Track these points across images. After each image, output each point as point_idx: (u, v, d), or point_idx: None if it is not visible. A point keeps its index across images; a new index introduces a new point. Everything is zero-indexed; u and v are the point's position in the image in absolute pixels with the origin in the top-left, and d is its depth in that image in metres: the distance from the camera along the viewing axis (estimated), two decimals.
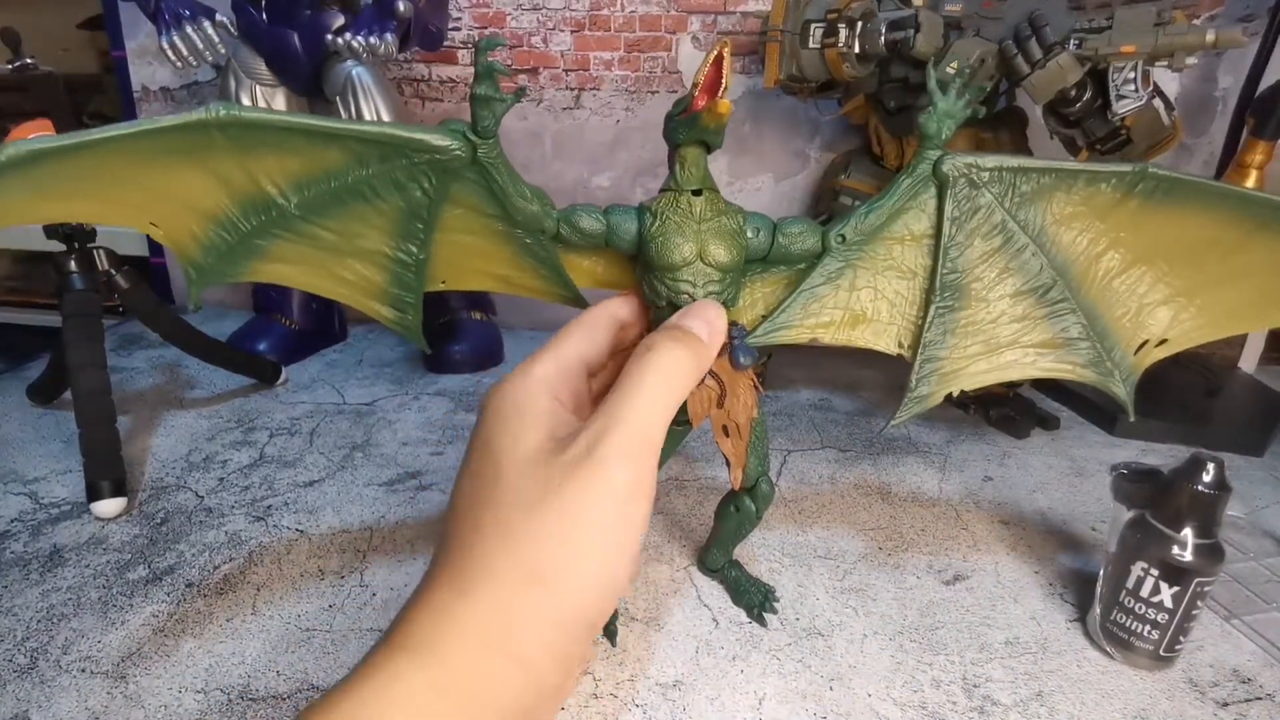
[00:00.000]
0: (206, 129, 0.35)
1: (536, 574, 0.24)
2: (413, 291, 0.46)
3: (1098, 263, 0.46)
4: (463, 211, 0.43)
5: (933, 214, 0.45)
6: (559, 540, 0.25)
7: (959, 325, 0.47)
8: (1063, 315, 0.47)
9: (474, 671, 0.23)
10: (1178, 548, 0.58)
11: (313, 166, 0.39)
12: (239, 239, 0.42)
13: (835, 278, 0.47)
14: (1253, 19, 1.14)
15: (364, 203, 0.41)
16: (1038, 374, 0.49)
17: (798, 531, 0.81)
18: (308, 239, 0.43)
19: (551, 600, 0.24)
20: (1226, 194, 0.43)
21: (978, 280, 0.46)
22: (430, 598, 0.25)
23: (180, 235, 0.42)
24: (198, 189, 0.39)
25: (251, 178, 0.39)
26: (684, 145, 0.42)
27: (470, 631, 0.24)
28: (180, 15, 1.09)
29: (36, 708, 0.55)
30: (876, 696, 0.58)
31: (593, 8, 1.33)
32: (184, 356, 1.16)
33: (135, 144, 0.35)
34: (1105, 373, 0.49)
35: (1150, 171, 0.42)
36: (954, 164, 0.43)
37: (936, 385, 0.49)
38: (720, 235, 0.43)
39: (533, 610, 0.24)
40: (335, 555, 0.75)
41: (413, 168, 0.40)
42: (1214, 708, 0.58)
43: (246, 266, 0.44)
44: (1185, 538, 0.58)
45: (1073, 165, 0.43)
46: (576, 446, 0.27)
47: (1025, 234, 0.45)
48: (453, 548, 0.26)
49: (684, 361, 0.30)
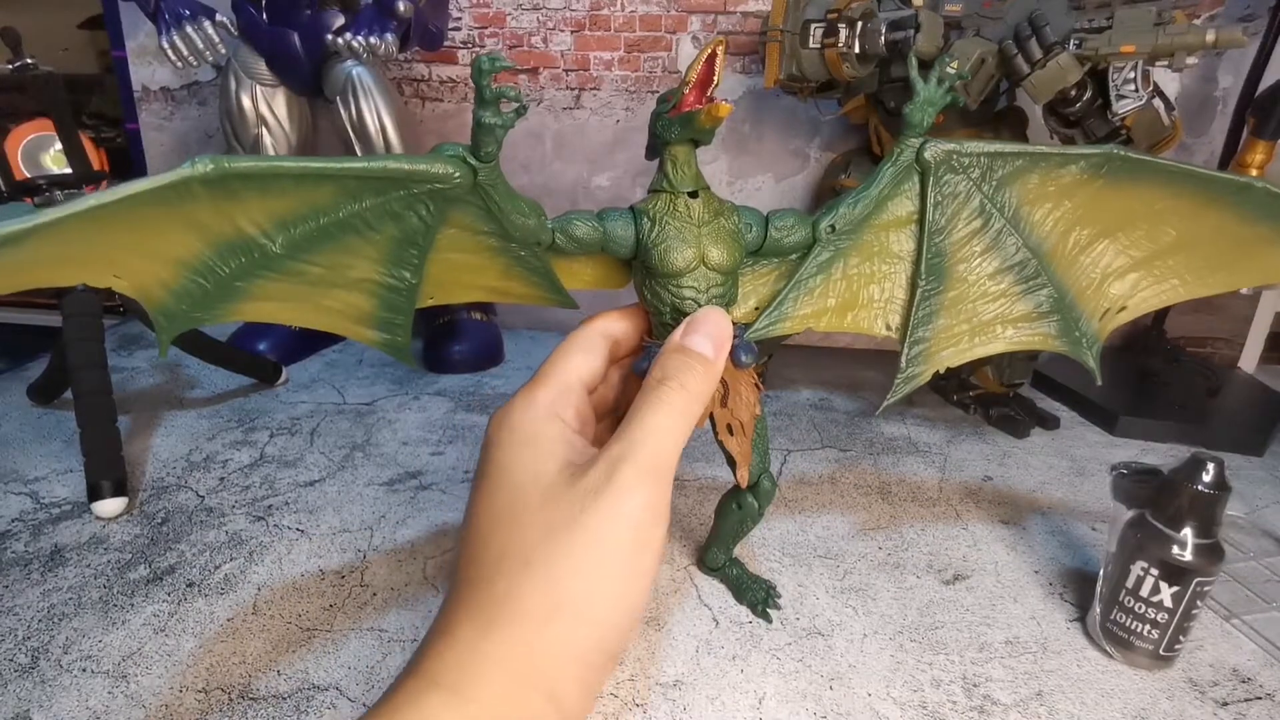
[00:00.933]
0: (189, 185, 0.33)
1: (560, 605, 0.24)
2: (403, 313, 0.45)
3: (1066, 239, 0.48)
4: (456, 231, 0.42)
5: (916, 200, 0.47)
6: (581, 570, 0.25)
7: (944, 305, 0.49)
8: (1037, 290, 0.49)
9: (505, 708, 0.23)
10: (1177, 547, 0.58)
11: (300, 205, 0.37)
12: (215, 283, 0.39)
13: (827, 267, 0.47)
14: (1253, 19, 1.14)
15: (355, 235, 0.39)
16: (1016, 347, 0.51)
17: (798, 531, 0.81)
18: (292, 276, 0.40)
19: (577, 632, 0.24)
20: (1186, 174, 0.45)
21: (961, 262, 0.48)
22: (456, 630, 0.25)
23: (147, 283, 0.39)
24: (170, 239, 0.36)
25: (232, 222, 0.36)
26: (675, 143, 0.42)
27: (499, 668, 0.24)
28: (180, 15, 1.09)
29: (38, 707, 0.56)
30: (876, 696, 0.58)
31: (593, 7, 1.33)
32: (184, 356, 1.16)
33: (107, 213, 0.32)
34: (1074, 342, 0.51)
35: (1115, 153, 0.44)
36: (935, 151, 0.44)
37: (925, 364, 0.50)
38: (720, 238, 0.43)
39: (559, 643, 0.24)
40: (335, 555, 0.75)
41: (410, 198, 0.38)
42: (1214, 707, 0.58)
43: (224, 309, 0.41)
44: (1185, 537, 0.58)
45: (1044, 149, 0.45)
46: (594, 474, 0.27)
47: (1002, 215, 0.47)
48: (474, 579, 0.26)
49: (695, 387, 0.31)
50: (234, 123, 1.21)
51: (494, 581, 0.26)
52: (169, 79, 1.47)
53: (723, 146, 1.39)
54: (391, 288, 0.43)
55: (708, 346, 0.33)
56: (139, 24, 1.42)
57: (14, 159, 0.96)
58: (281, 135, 1.22)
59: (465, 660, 0.24)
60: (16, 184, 0.93)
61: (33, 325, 1.48)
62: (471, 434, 1.03)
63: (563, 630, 0.24)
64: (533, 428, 0.30)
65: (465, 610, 0.25)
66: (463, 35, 1.38)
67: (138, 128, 1.51)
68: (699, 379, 0.31)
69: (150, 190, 0.32)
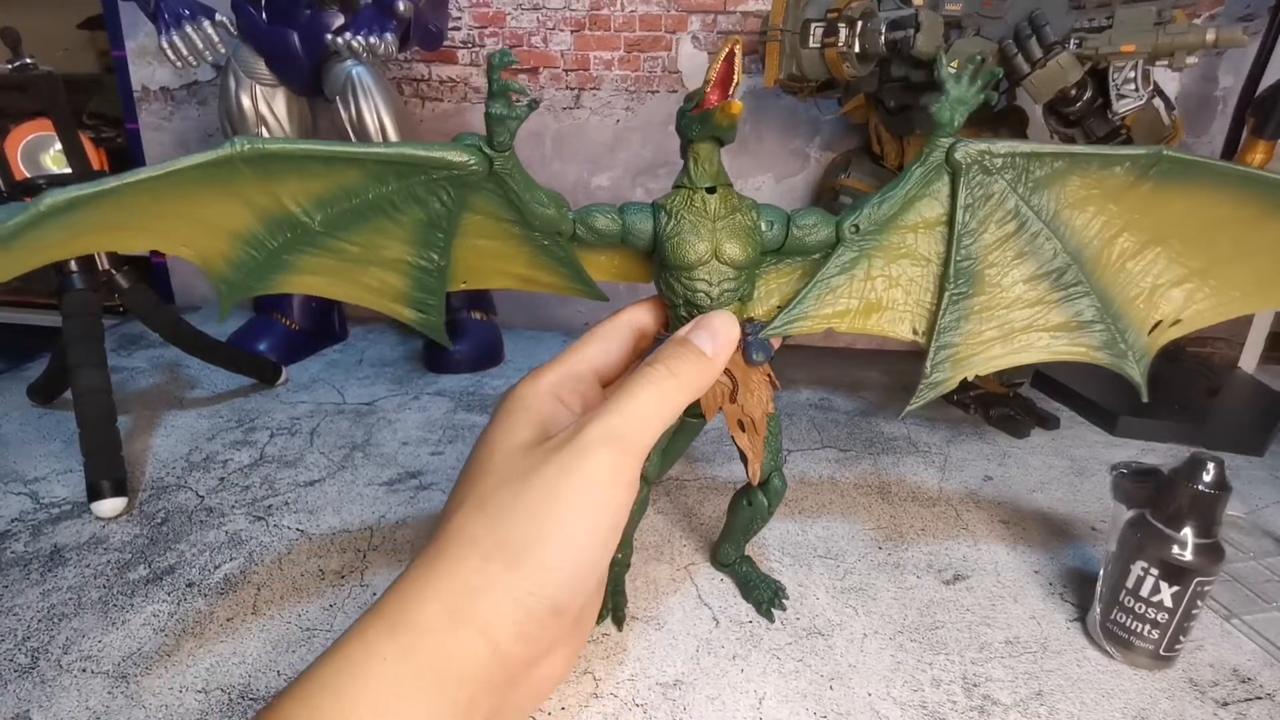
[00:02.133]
0: (231, 163, 0.36)
1: (504, 544, 0.25)
2: (435, 294, 0.47)
3: (1111, 245, 0.46)
4: (481, 218, 0.44)
5: (946, 201, 0.45)
6: (529, 516, 0.26)
7: (974, 311, 0.47)
8: (1077, 299, 0.47)
9: (441, 641, 0.24)
10: (1177, 547, 0.58)
11: (334, 186, 0.40)
12: (266, 255, 0.43)
13: (850, 267, 0.47)
14: (1253, 18, 1.14)
15: (385, 217, 0.42)
16: (1052, 357, 0.49)
17: (798, 531, 0.81)
18: (333, 252, 0.44)
19: (515, 574, 0.25)
20: (1239, 174, 0.43)
21: (992, 266, 0.46)
22: (409, 571, 0.26)
23: (210, 255, 0.43)
24: (225, 212, 0.41)
25: (276, 199, 0.40)
26: (697, 141, 0.43)
27: (437, 600, 0.24)
28: (180, 15, 1.09)
29: (37, 707, 0.55)
30: (876, 696, 0.58)
31: (592, 7, 1.33)
32: (184, 356, 1.16)
33: (162, 183, 0.36)
34: (1119, 354, 0.49)
35: (1165, 154, 0.42)
36: (967, 151, 0.43)
37: (952, 370, 0.49)
38: (735, 233, 0.43)
39: (498, 582, 0.25)
40: (335, 555, 0.75)
41: (431, 183, 0.41)
42: (1214, 707, 0.58)
43: (275, 279, 0.45)
44: (1185, 537, 0.58)
45: (1086, 149, 0.43)
46: (563, 434, 0.28)
47: (1039, 219, 0.45)
48: (437, 526, 0.28)
49: (683, 374, 0.32)
50: (233, 122, 1.21)
51: (449, 522, 0.27)
52: (169, 79, 1.47)
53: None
54: (422, 269, 0.45)
55: (708, 343, 0.34)
56: (139, 24, 1.42)
57: (13, 159, 0.95)
58: (281, 135, 1.22)
59: (409, 592, 0.25)
60: (16, 184, 0.93)
61: (33, 325, 1.48)
62: (471, 434, 1.03)
63: (502, 569, 0.25)
64: (526, 402, 0.31)
65: (423, 552, 0.27)
66: (462, 35, 1.38)
67: (137, 127, 1.51)
68: (690, 368, 0.32)
69: (198, 165, 0.35)
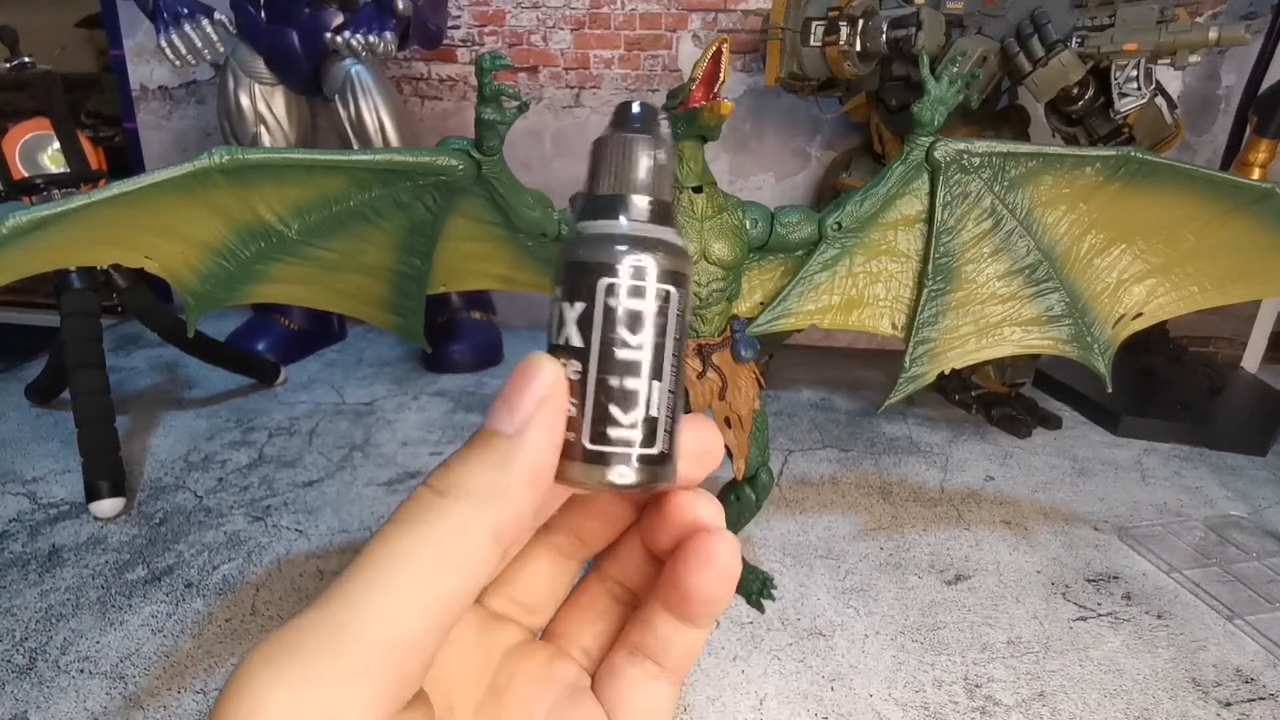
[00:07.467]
0: (208, 174, 0.36)
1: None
2: (415, 299, 0.47)
3: (1080, 242, 0.48)
4: (465, 221, 0.44)
5: (925, 199, 0.46)
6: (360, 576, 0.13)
7: (951, 306, 0.49)
8: (1048, 294, 0.49)
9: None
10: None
11: (314, 194, 0.40)
12: (238, 266, 0.42)
13: (832, 264, 0.48)
14: (1255, 17, 1.14)
15: (367, 223, 0.42)
16: (1023, 350, 0.51)
17: (799, 532, 0.81)
18: (309, 260, 0.43)
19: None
20: (1203, 176, 0.45)
21: (969, 262, 0.48)
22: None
23: (176, 266, 0.42)
24: (195, 223, 0.40)
25: (250, 208, 0.39)
26: (681, 140, 0.42)
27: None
28: (179, 14, 1.08)
29: (35, 708, 0.55)
30: (878, 696, 0.58)
31: (593, 6, 1.33)
32: (183, 356, 1.15)
33: (134, 198, 0.35)
34: (1085, 347, 0.50)
35: (1132, 156, 0.43)
36: (946, 150, 0.44)
37: (929, 364, 0.50)
38: (722, 233, 0.43)
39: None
40: (334, 555, 0.75)
41: (416, 188, 0.40)
42: (1217, 707, 0.58)
43: (247, 289, 0.44)
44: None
45: (1059, 150, 0.44)
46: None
47: (1014, 217, 0.46)
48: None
49: (471, 499, 0.14)
50: (232, 121, 1.20)
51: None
52: (167, 78, 1.47)
53: (724, 145, 1.39)
54: (403, 273, 0.45)
55: (504, 416, 0.15)
56: (137, 23, 1.42)
57: (12, 158, 0.95)
58: (280, 134, 1.22)
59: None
60: (14, 183, 0.93)
61: (31, 325, 1.48)
62: (471, 434, 1.02)
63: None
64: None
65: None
66: (462, 33, 1.37)
67: (136, 126, 1.51)
68: (483, 480, 0.15)
69: (174, 178, 0.35)
